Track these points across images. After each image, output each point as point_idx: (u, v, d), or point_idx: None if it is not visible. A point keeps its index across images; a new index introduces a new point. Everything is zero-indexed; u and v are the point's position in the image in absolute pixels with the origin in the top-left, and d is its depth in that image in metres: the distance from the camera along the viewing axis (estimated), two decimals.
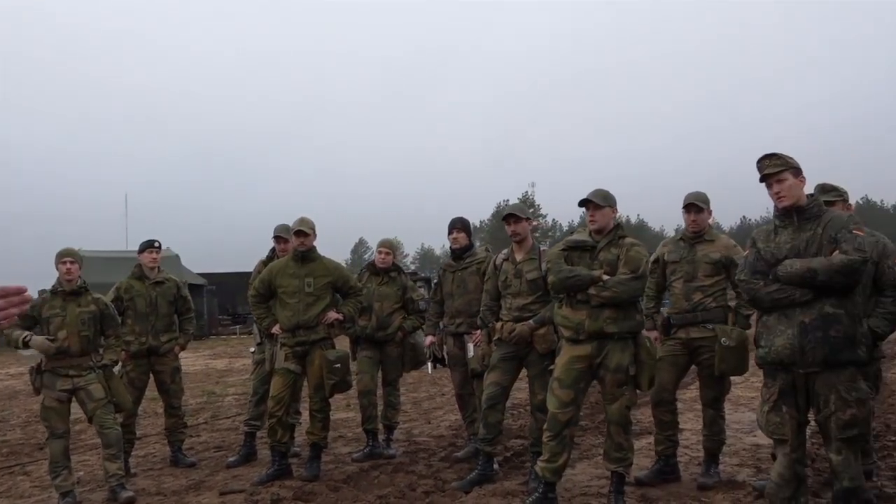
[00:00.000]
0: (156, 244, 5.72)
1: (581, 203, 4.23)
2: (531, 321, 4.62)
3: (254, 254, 6.12)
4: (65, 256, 4.84)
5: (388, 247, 6.02)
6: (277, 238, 5.76)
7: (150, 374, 5.64)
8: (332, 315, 5.18)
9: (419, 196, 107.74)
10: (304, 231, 5.12)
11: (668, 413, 4.74)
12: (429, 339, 5.75)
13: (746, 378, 7.48)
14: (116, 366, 5.14)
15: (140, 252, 5.75)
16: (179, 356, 5.85)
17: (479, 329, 5.03)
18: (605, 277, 4.04)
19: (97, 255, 20.09)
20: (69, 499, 4.60)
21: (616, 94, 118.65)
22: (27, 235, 64.95)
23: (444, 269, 5.64)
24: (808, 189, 3.59)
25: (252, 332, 6.57)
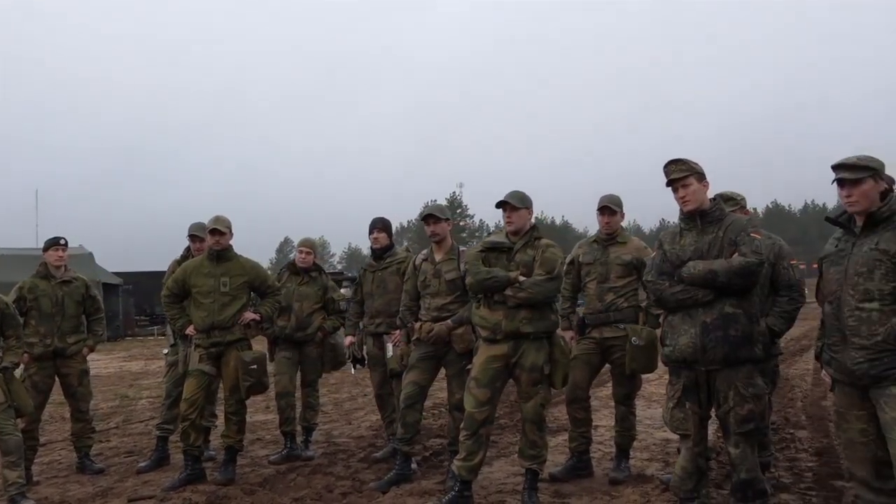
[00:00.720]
0: (62, 241, 5.48)
1: (498, 205, 4.29)
2: (449, 321, 4.66)
3: (175, 252, 5.93)
4: None
5: (309, 246, 5.96)
6: (192, 237, 5.62)
7: (56, 378, 5.41)
8: (249, 315, 5.09)
9: (346, 196, 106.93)
10: (220, 230, 5.01)
11: (582, 411, 4.86)
12: (348, 340, 5.73)
13: (661, 375, 7.74)
14: (17, 368, 4.90)
15: (45, 250, 5.50)
16: (90, 358, 5.62)
17: (399, 329, 5.04)
18: (522, 279, 4.11)
19: (5, 253, 19.08)
20: None
21: (548, 106, 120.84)
22: None
23: (365, 270, 5.62)
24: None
25: (166, 334, 6.39)
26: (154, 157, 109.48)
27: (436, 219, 4.81)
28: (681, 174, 3.57)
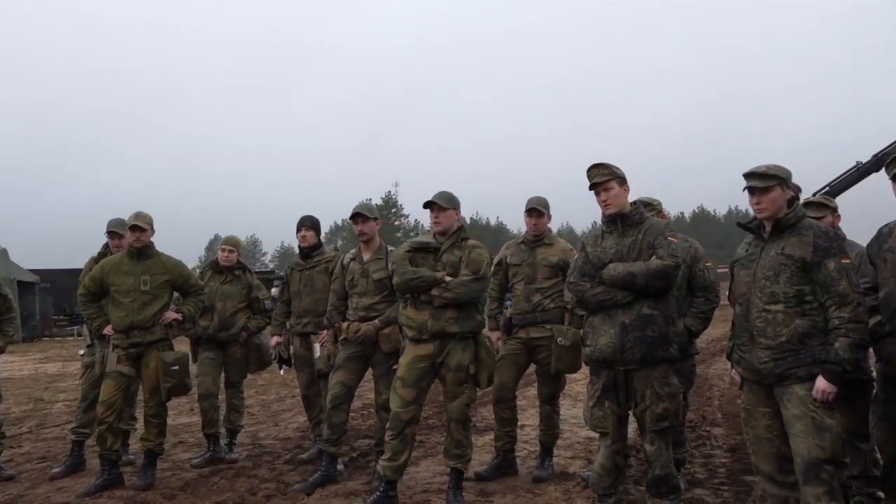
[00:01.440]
0: None
1: (426, 205, 4.31)
2: (377, 321, 4.65)
3: (95, 250, 5.70)
4: None
5: (232, 244, 5.85)
6: (111, 233, 5.43)
7: None
8: (170, 315, 4.96)
9: (280, 194, 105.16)
10: (140, 226, 4.86)
11: (508, 410, 4.92)
12: (275, 340, 5.64)
13: (585, 374, 7.80)
14: None
15: None
16: (1, 360, 5.37)
17: (326, 329, 5.00)
18: (448, 279, 4.14)
19: None
20: None
21: (493, 113, 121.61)
22: None
23: (292, 269, 5.55)
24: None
25: (83, 334, 6.15)
26: (75, 148, 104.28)
27: (364, 218, 4.78)
28: (603, 178, 3.66)
